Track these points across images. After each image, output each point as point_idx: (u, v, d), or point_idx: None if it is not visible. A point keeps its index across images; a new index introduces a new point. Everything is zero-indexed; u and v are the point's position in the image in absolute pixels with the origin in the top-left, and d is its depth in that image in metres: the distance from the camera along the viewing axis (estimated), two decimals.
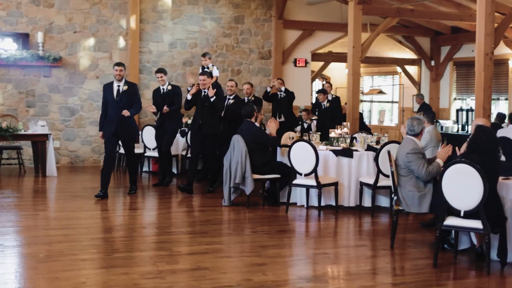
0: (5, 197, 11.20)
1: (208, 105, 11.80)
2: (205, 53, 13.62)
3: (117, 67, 11.30)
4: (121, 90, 11.25)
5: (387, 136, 11.44)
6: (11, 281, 6.42)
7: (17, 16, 15.12)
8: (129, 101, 11.30)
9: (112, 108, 11.23)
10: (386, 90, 21.69)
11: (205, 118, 11.87)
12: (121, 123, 11.19)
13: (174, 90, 12.84)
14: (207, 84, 11.88)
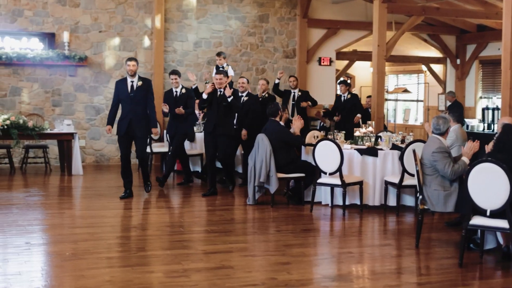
0: (31, 196, 11.29)
1: (225, 104, 11.44)
2: (220, 52, 13.63)
3: (129, 62, 11.04)
4: (136, 86, 11.03)
5: (412, 135, 11.37)
6: (38, 279, 6.47)
7: (43, 16, 15.23)
8: (143, 97, 11.08)
9: (126, 104, 11.04)
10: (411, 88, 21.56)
11: (220, 118, 11.50)
12: (135, 120, 10.98)
13: (188, 93, 12.64)
14: (224, 83, 11.55)
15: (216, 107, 11.50)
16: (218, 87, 11.51)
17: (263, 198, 10.97)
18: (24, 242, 7.91)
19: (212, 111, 11.60)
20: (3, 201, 10.66)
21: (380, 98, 13.98)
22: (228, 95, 11.34)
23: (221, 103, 11.45)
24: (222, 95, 11.46)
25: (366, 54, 19.24)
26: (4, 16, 14.95)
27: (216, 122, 11.47)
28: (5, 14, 14.96)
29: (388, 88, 21.66)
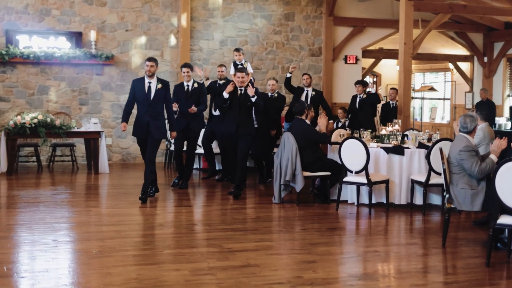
0: (58, 194, 11.37)
1: (249, 104, 11.16)
2: (239, 48, 13.08)
3: (148, 62, 10.60)
4: (154, 88, 10.60)
5: (438, 134, 11.32)
6: (65, 276, 6.52)
7: (71, 15, 15.33)
8: (161, 99, 10.68)
9: (142, 105, 10.64)
10: (437, 87, 21.45)
11: (242, 118, 11.18)
12: (152, 122, 10.58)
13: (200, 88, 12.03)
14: (246, 82, 11.18)
15: (237, 107, 11.15)
16: (240, 85, 11.19)
17: (289, 196, 10.97)
18: (51, 240, 7.98)
19: (232, 111, 11.21)
20: (31, 199, 10.75)
21: (407, 97, 13.91)
22: (252, 95, 11.06)
23: (244, 103, 11.15)
24: (244, 94, 11.16)
25: (392, 52, 19.18)
26: (32, 16, 15.08)
27: (239, 123, 11.13)
28: (33, 14, 15.09)
29: (415, 86, 21.57)
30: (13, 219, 9.25)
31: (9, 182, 12.58)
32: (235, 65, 12.71)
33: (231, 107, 11.20)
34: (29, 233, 8.35)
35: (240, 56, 12.81)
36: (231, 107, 11.20)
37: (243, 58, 12.84)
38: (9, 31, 14.90)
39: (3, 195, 11.48)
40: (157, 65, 10.73)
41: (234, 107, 11.18)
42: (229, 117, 11.29)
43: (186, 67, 12.00)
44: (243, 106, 11.16)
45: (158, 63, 10.86)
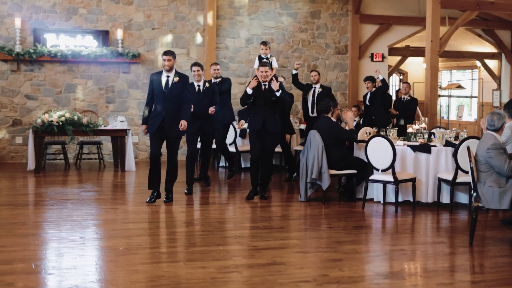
0: (85, 191, 11.44)
1: (274, 99, 10.70)
2: (266, 42, 12.32)
3: (165, 56, 10.14)
4: (171, 82, 10.18)
5: (465, 132, 11.24)
6: (92, 273, 6.56)
7: (97, 13, 15.42)
8: (179, 94, 10.20)
9: (159, 100, 10.18)
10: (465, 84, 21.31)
11: (268, 114, 10.70)
12: (168, 119, 10.17)
13: (212, 88, 11.59)
14: (269, 76, 10.73)
15: (262, 103, 10.72)
16: (263, 80, 10.73)
17: (315, 194, 10.95)
18: (78, 237, 8.03)
19: (258, 107, 10.75)
20: (59, 197, 10.83)
21: (434, 94, 13.84)
22: (276, 89, 10.61)
23: (269, 98, 10.72)
24: (268, 89, 10.73)
25: (419, 49, 19.10)
26: (59, 14, 15.19)
27: (265, 119, 10.67)
28: (60, 12, 15.20)
29: (442, 84, 21.45)
30: (40, 217, 9.33)
31: (37, 179, 12.69)
32: (260, 58, 12.10)
33: (255, 103, 10.76)
34: (56, 230, 8.41)
35: (266, 50, 12.14)
36: (255, 103, 10.76)
37: (269, 53, 12.20)
38: (37, 30, 15.02)
39: (31, 193, 11.59)
40: (174, 58, 10.26)
41: (258, 103, 10.73)
42: (254, 114, 10.82)
43: (196, 65, 11.48)
44: (268, 102, 10.71)
45: (175, 56, 10.40)
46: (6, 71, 14.99)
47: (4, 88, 15.01)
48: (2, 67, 14.97)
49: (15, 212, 9.53)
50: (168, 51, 10.25)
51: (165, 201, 10.39)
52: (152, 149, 10.46)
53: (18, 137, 15.15)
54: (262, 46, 12.21)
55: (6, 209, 9.75)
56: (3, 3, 14.92)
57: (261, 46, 12.25)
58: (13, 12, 14.96)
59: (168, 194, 10.51)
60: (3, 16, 14.93)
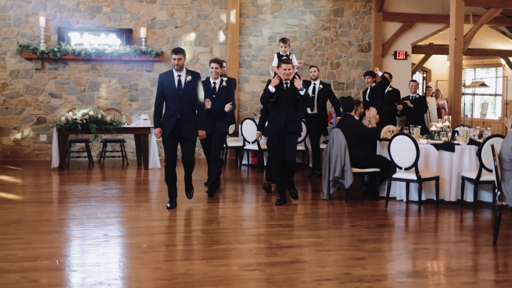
0: (109, 189, 11.51)
1: (299, 98, 10.17)
2: (285, 39, 11.85)
3: (175, 55, 9.57)
4: (184, 81, 9.64)
5: (490, 130, 11.17)
6: (115, 270, 6.60)
7: (121, 12, 15.50)
8: (192, 94, 9.66)
9: (172, 102, 9.62)
10: (489, 82, 21.18)
11: (290, 114, 10.16)
12: (183, 121, 9.61)
13: (229, 87, 11.13)
14: (291, 74, 10.14)
15: (285, 102, 10.14)
16: (285, 78, 10.14)
17: (337, 193, 10.94)
18: (102, 234, 8.08)
19: (279, 106, 10.18)
20: (82, 194, 10.90)
21: (457, 92, 13.77)
22: (300, 88, 10.08)
23: (291, 97, 10.17)
24: (291, 88, 10.16)
25: (442, 47, 18.99)
26: (83, 13, 15.28)
27: (287, 119, 10.13)
28: (84, 11, 15.29)
29: (465, 82, 21.33)
30: (65, 214, 9.40)
31: (61, 177, 12.78)
32: (279, 56, 11.63)
33: (277, 103, 10.17)
34: (80, 228, 8.47)
35: (286, 47, 11.66)
36: (277, 103, 10.17)
37: (288, 50, 11.74)
38: (61, 29, 15.13)
39: (55, 190, 11.67)
40: (185, 56, 9.69)
41: (281, 102, 10.14)
42: (275, 114, 10.24)
43: (216, 62, 11.02)
44: (291, 101, 10.18)
45: (185, 54, 9.81)
46: (31, 69, 15.11)
47: (28, 86, 15.13)
48: (27, 66, 15.09)
49: (39, 209, 9.61)
50: (179, 50, 9.69)
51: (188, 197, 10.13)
52: (168, 155, 9.78)
53: (42, 135, 15.26)
54: (281, 43, 11.77)
55: (30, 206, 9.84)
56: (28, 2, 15.03)
57: (280, 44, 11.82)
58: (37, 11, 15.07)
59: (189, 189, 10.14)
60: (27, 15, 15.04)
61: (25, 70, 15.09)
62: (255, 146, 13.77)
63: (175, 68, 9.64)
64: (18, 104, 15.13)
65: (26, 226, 8.43)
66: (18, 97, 15.12)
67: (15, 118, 15.14)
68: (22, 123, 15.18)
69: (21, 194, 10.88)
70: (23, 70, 15.09)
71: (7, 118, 15.11)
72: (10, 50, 15.00)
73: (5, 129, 15.13)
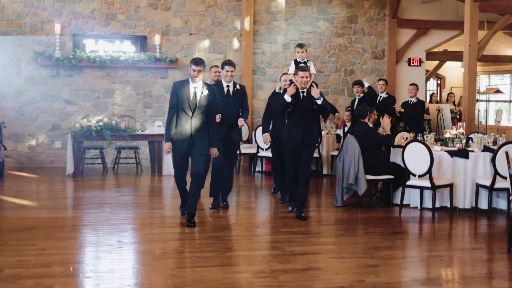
0: (123, 195, 11.54)
1: (316, 108, 9.60)
2: (302, 44, 11.18)
3: (195, 67, 8.88)
4: (199, 95, 8.95)
5: (504, 137, 11.13)
6: (129, 277, 6.62)
7: (136, 19, 15.56)
8: (207, 107, 9.02)
9: (186, 117, 9.00)
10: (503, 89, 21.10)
11: (307, 125, 9.63)
12: (197, 136, 9.02)
13: (243, 92, 10.37)
14: (309, 82, 9.66)
15: (301, 112, 9.60)
16: (302, 87, 9.61)
17: (351, 200, 10.92)
18: (116, 241, 8.11)
19: (295, 117, 9.64)
20: (96, 200, 10.94)
21: (472, 99, 13.71)
22: (317, 97, 9.51)
23: (308, 107, 9.61)
24: (307, 97, 9.61)
25: (457, 54, 18.95)
26: (98, 20, 15.36)
27: (304, 131, 9.60)
28: (99, 18, 15.36)
29: (480, 88, 21.26)
30: (79, 220, 9.44)
31: (75, 183, 12.83)
32: (296, 63, 10.91)
33: (293, 113, 9.64)
34: (94, 234, 8.50)
35: (303, 53, 10.98)
36: (293, 113, 9.64)
37: (306, 56, 11.08)
38: (76, 36, 15.20)
39: (69, 196, 11.72)
40: (204, 68, 9.07)
41: (297, 112, 9.61)
42: (292, 125, 9.69)
43: (229, 65, 10.16)
44: (308, 111, 9.63)
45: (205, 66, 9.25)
46: (46, 76, 15.19)
47: (43, 93, 15.21)
48: (42, 72, 15.18)
49: (54, 215, 9.65)
50: (200, 61, 8.97)
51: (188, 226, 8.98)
52: (178, 173, 9.29)
53: (57, 141, 15.33)
54: (298, 49, 11.07)
55: (45, 212, 9.88)
56: (43, 9, 15.13)
57: (296, 49, 11.13)
58: (53, 18, 15.16)
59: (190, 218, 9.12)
60: (43, 22, 15.13)
61: (40, 77, 15.17)
62: (268, 153, 13.73)
63: (193, 80, 8.96)
64: (33, 110, 15.21)
65: (41, 232, 8.47)
66: (33, 104, 15.20)
67: (30, 124, 15.22)
68: (37, 130, 15.26)
69: (35, 201, 10.93)
70: (38, 77, 15.18)
71: (22, 125, 15.19)
72: (25, 57, 15.09)
73: (20, 136, 15.21)
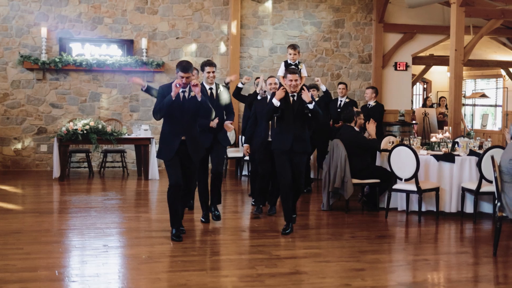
0: (109, 199, 11.51)
1: (307, 112, 8.83)
2: (295, 45, 10.35)
3: (182, 74, 8.13)
4: (188, 97, 8.31)
5: (490, 141, 11.18)
6: (115, 281, 6.60)
7: (123, 23, 15.54)
8: (196, 110, 8.36)
9: (176, 122, 8.35)
10: (489, 93, 21.19)
11: (298, 132, 8.90)
12: (190, 142, 8.42)
13: (227, 93, 9.75)
14: (298, 86, 8.91)
15: (291, 118, 8.89)
16: (292, 91, 8.90)
17: (337, 204, 10.94)
18: (102, 245, 8.08)
19: (284, 123, 8.94)
20: (82, 204, 10.91)
21: (458, 104, 13.77)
22: (308, 101, 8.77)
23: (299, 111, 8.90)
24: (298, 102, 8.90)
25: (443, 58, 19.00)
26: (85, 24, 15.33)
27: (294, 137, 8.89)
28: (86, 22, 15.33)
29: (466, 93, 21.34)
30: (64, 224, 9.40)
31: (61, 187, 12.78)
32: (287, 65, 10.19)
33: (282, 118, 8.93)
34: (80, 238, 8.47)
35: (295, 55, 10.21)
36: (282, 118, 8.93)
37: (298, 58, 10.31)
38: (63, 39, 15.16)
39: (55, 200, 11.68)
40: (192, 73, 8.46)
41: (287, 118, 8.91)
42: (280, 131, 8.99)
43: (211, 66, 9.45)
44: (298, 116, 8.93)
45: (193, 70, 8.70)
46: (32, 79, 15.15)
47: (30, 96, 15.16)
48: (28, 76, 15.13)
49: (39, 219, 9.61)
50: (188, 67, 8.23)
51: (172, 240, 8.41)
52: (173, 177, 8.37)
53: (43, 145, 15.29)
54: (290, 50, 10.29)
55: (30, 216, 9.84)
56: (30, 12, 15.09)
57: (288, 51, 10.33)
58: (39, 22, 15.12)
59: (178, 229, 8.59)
60: (29, 26, 15.09)
61: (27, 80, 15.13)
62: None
63: (183, 87, 8.27)
64: (19, 114, 15.15)
65: (26, 236, 8.43)
66: (19, 107, 15.15)
67: (16, 128, 15.17)
68: (23, 133, 15.21)
69: (21, 204, 10.89)
70: (25, 81, 15.13)
71: (8, 128, 15.13)
72: (11, 60, 15.05)
73: (6, 139, 15.15)
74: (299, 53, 10.33)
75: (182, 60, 8.38)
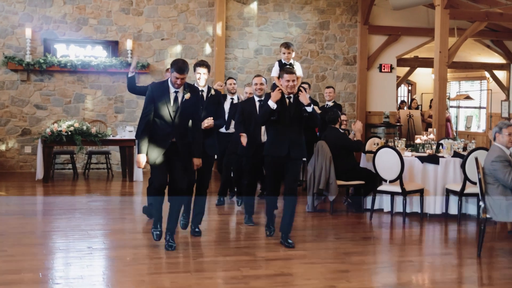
0: (93, 201, 11.47)
1: (306, 115, 8.28)
2: (289, 43, 9.31)
3: (178, 74, 7.69)
4: (181, 99, 7.82)
5: (474, 143, 11.22)
6: (99, 283, 6.57)
7: (107, 24, 15.49)
8: (190, 113, 7.93)
9: (166, 124, 7.83)
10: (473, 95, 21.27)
11: (294, 136, 8.31)
12: (180, 144, 7.90)
13: (218, 97, 9.09)
14: (296, 87, 8.33)
15: (287, 121, 8.29)
16: (289, 92, 8.32)
17: (322, 205, 10.95)
18: (86, 247, 8.04)
19: (280, 126, 8.32)
20: (67, 206, 10.86)
21: (442, 105, 13.81)
22: (307, 103, 8.25)
23: (296, 115, 8.33)
24: (295, 104, 8.34)
25: (427, 60, 19.06)
26: (70, 25, 15.27)
27: (291, 142, 8.30)
28: (71, 23, 15.27)
29: (450, 95, 21.42)
30: (48, 226, 9.36)
31: (45, 189, 12.72)
32: (281, 64, 9.14)
33: (278, 122, 8.31)
34: (64, 240, 8.43)
35: (289, 54, 9.14)
36: (278, 122, 8.31)
37: (292, 57, 9.23)
38: (47, 40, 15.10)
39: (39, 202, 11.63)
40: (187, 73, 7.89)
41: (283, 121, 8.31)
42: (276, 135, 8.38)
43: (205, 67, 8.94)
44: (295, 119, 8.35)
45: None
46: (16, 81, 15.07)
47: (14, 97, 15.08)
48: (12, 77, 15.05)
49: (23, 221, 9.56)
50: (185, 68, 7.76)
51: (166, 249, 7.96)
52: (159, 177, 7.95)
53: (27, 146, 15.21)
54: (283, 49, 9.21)
55: (14, 218, 9.78)
56: (14, 13, 15.01)
57: (281, 49, 9.24)
58: (24, 22, 15.04)
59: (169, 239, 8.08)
60: (14, 26, 15.01)
61: (11, 81, 15.05)
62: None
63: (175, 87, 7.83)
64: (3, 115, 15.07)
65: (10, 239, 8.38)
66: (3, 108, 15.06)
67: (0, 129, 15.08)
68: (6, 135, 15.13)
69: (4, 206, 10.82)
70: (9, 82, 15.05)
71: None
72: None
73: None
74: (293, 51, 9.23)
75: (178, 59, 7.87)
